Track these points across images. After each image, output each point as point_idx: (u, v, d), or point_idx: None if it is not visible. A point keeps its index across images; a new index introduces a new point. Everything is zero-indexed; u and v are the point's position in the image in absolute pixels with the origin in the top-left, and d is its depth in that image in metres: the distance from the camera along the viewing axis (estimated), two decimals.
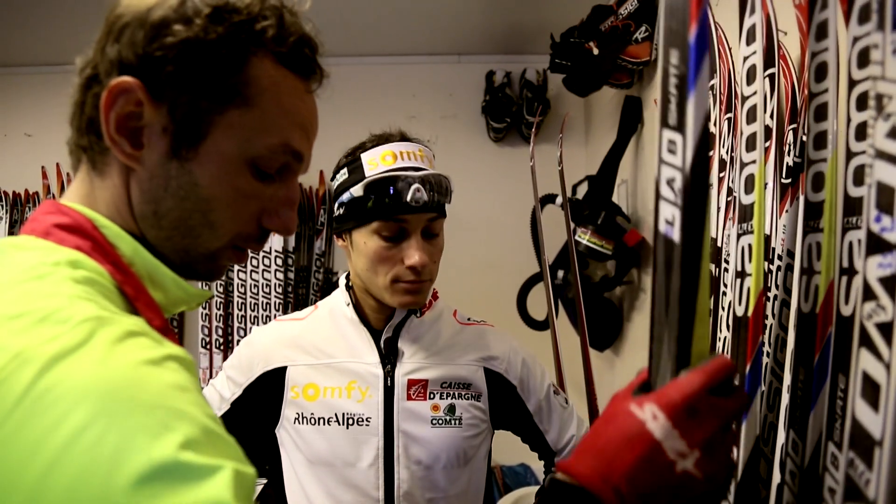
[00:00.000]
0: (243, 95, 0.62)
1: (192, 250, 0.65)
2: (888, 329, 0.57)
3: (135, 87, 0.58)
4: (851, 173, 0.71)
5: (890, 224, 0.58)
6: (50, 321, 0.46)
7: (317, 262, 3.21)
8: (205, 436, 0.45)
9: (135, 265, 0.61)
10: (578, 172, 2.80)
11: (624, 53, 2.27)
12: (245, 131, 0.62)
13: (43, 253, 0.56)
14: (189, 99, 0.60)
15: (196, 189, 0.62)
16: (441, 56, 3.43)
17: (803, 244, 0.82)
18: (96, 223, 0.61)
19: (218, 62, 0.60)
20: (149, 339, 0.50)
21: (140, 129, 0.60)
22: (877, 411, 0.58)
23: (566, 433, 1.30)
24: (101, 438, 0.41)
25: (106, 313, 0.49)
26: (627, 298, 2.55)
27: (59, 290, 0.51)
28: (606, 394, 2.74)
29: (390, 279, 1.14)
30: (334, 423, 1.15)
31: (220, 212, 0.63)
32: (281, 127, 0.64)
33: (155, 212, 0.62)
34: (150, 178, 0.62)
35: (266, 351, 1.23)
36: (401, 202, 1.10)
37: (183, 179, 0.61)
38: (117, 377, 0.44)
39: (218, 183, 0.62)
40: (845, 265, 0.69)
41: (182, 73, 0.59)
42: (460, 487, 1.20)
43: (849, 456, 0.61)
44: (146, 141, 0.61)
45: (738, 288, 0.89)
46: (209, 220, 0.63)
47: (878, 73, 0.60)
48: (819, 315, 0.76)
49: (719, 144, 1.24)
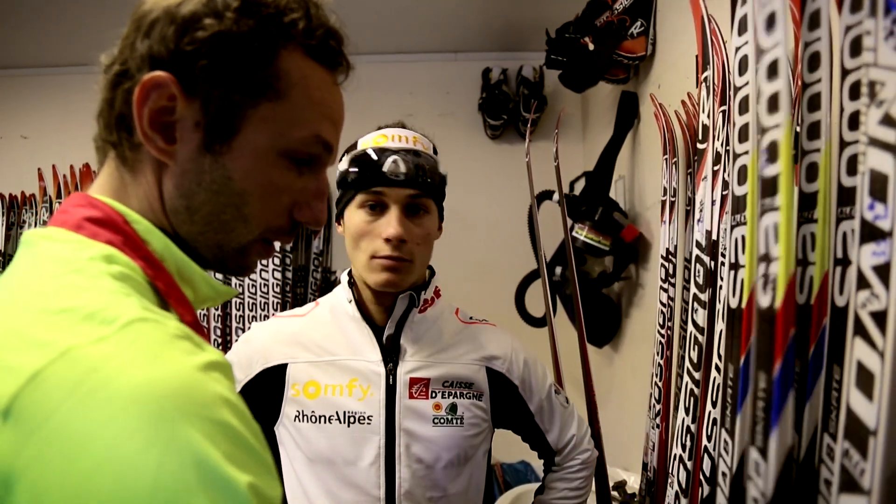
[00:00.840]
0: (275, 88, 0.62)
1: (226, 245, 0.65)
2: (882, 317, 0.57)
3: (168, 82, 0.58)
4: (845, 163, 0.70)
5: (883, 212, 0.57)
6: (96, 320, 0.46)
7: (315, 262, 3.20)
8: (243, 452, 0.45)
9: (165, 261, 0.61)
10: (576, 168, 2.79)
11: (620, 49, 2.26)
12: (277, 124, 0.62)
13: (77, 246, 0.56)
14: (222, 93, 0.60)
15: (230, 183, 0.62)
16: (438, 53, 3.43)
17: (797, 235, 0.82)
18: (128, 218, 0.61)
19: (250, 55, 0.60)
20: (192, 344, 0.49)
21: (173, 124, 0.60)
22: (871, 400, 0.58)
23: (567, 433, 1.31)
24: (149, 444, 0.41)
25: (150, 314, 0.49)
26: (626, 294, 2.54)
27: (99, 285, 0.51)
28: (605, 390, 2.74)
29: (369, 255, 1.13)
30: (335, 421, 1.14)
31: (254, 205, 0.63)
32: (312, 119, 0.65)
33: (188, 206, 0.62)
34: (182, 172, 0.61)
35: (266, 348, 1.21)
36: (379, 173, 1.11)
37: (216, 174, 0.61)
38: (166, 383, 0.43)
39: (251, 176, 0.62)
40: (839, 256, 0.69)
41: (214, 67, 0.59)
42: (461, 486, 1.19)
43: (844, 446, 0.61)
44: (179, 136, 0.60)
45: (732, 280, 0.89)
46: (243, 213, 0.63)
47: (870, 60, 0.60)
48: (814, 307, 0.75)
49: (714, 137, 1.23)
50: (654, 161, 2.19)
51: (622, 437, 2.42)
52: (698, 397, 1.22)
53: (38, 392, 0.42)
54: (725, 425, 0.92)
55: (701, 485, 1.12)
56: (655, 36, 2.24)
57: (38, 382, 0.42)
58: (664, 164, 1.77)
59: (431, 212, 1.18)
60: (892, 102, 0.57)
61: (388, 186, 1.11)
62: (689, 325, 1.31)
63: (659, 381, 1.72)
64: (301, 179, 0.66)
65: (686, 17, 1.79)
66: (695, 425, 1.22)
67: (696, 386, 1.23)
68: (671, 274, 1.70)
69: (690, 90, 1.74)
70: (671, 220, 1.72)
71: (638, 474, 1.89)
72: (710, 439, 1.11)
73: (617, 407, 2.59)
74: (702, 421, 1.16)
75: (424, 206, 1.16)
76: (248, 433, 0.46)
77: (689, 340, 1.29)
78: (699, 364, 1.23)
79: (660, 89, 2.15)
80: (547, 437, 1.30)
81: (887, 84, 0.57)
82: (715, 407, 1.10)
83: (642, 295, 2.37)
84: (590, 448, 1.35)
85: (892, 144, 0.56)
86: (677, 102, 1.80)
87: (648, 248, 2.29)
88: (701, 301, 1.25)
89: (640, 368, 2.20)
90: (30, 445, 0.41)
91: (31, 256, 0.56)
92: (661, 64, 2.20)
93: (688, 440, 1.24)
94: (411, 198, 1.13)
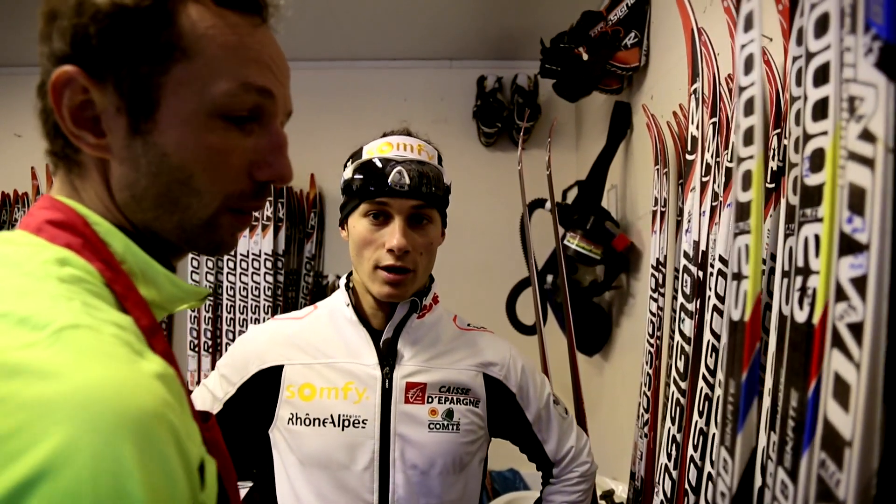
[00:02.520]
0: (180, 48, 0.58)
1: (186, 224, 0.62)
2: (859, 329, 0.58)
3: (75, 75, 0.56)
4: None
5: (861, 225, 0.58)
6: (28, 325, 0.44)
7: (307, 266, 3.21)
8: (164, 480, 0.43)
9: (126, 262, 0.59)
10: (569, 177, 2.80)
11: (613, 59, 2.28)
12: (196, 84, 0.59)
13: (33, 250, 0.55)
14: (129, 69, 0.57)
15: (166, 160, 0.59)
16: (433, 61, 3.45)
17: (784, 247, 0.83)
18: (88, 220, 0.59)
19: (144, 22, 0.57)
20: (129, 351, 0.47)
21: (97, 118, 0.58)
22: (847, 411, 0.58)
23: (565, 444, 1.29)
24: (74, 448, 0.39)
25: (86, 319, 0.47)
26: (616, 303, 2.55)
27: (42, 288, 0.49)
28: (594, 399, 2.74)
29: (373, 264, 1.14)
30: (329, 425, 1.13)
31: (199, 175, 0.60)
32: (232, 67, 0.60)
33: (133, 196, 0.60)
34: (121, 163, 0.59)
35: (262, 349, 1.21)
36: (383, 184, 1.11)
37: (150, 154, 0.59)
38: (94, 390, 0.42)
39: (186, 147, 0.59)
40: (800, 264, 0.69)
41: (113, 45, 0.56)
42: (455, 494, 1.18)
43: (820, 457, 0.62)
44: (106, 127, 0.58)
45: (735, 291, 0.88)
46: (191, 187, 0.60)
47: (850, 76, 0.61)
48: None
49: (703, 148, 1.24)
50: (646, 171, 2.20)
51: (611, 446, 2.43)
52: (684, 407, 1.23)
53: None
54: (725, 443, 0.89)
55: (686, 494, 1.12)
56: (649, 47, 2.26)
57: None
58: (655, 174, 1.78)
59: (435, 221, 1.18)
60: (870, 117, 0.58)
61: (391, 197, 1.12)
62: (676, 335, 1.31)
63: (648, 391, 1.72)
64: (250, 138, 0.63)
65: (679, 29, 1.80)
66: (680, 435, 1.23)
67: (682, 396, 1.24)
68: (661, 284, 1.71)
69: (682, 101, 1.76)
70: (661, 231, 1.73)
71: (626, 483, 1.89)
72: (696, 449, 1.12)
73: (606, 416, 2.59)
74: (687, 431, 1.17)
75: (428, 216, 1.16)
76: (177, 457, 0.45)
77: (676, 350, 1.30)
78: (685, 374, 1.23)
79: (652, 100, 2.16)
80: (545, 448, 1.28)
81: (866, 99, 0.58)
82: (701, 417, 1.11)
83: (633, 304, 2.38)
84: (589, 461, 1.32)
85: (871, 159, 0.57)
86: (669, 113, 1.81)
87: (639, 258, 2.30)
88: (688, 311, 1.25)
89: (630, 377, 2.21)
90: None
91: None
92: (654, 75, 2.22)
93: (673, 449, 1.24)
94: (415, 208, 1.13)
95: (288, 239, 3.11)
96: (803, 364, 0.73)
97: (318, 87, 3.38)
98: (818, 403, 0.66)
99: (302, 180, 3.27)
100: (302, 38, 3.13)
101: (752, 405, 0.80)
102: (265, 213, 3.01)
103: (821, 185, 0.69)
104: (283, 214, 3.05)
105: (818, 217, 0.70)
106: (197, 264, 3.05)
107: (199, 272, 3.04)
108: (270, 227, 3.00)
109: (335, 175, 4.09)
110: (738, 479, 0.85)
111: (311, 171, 3.27)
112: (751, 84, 0.79)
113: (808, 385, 0.69)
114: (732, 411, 0.87)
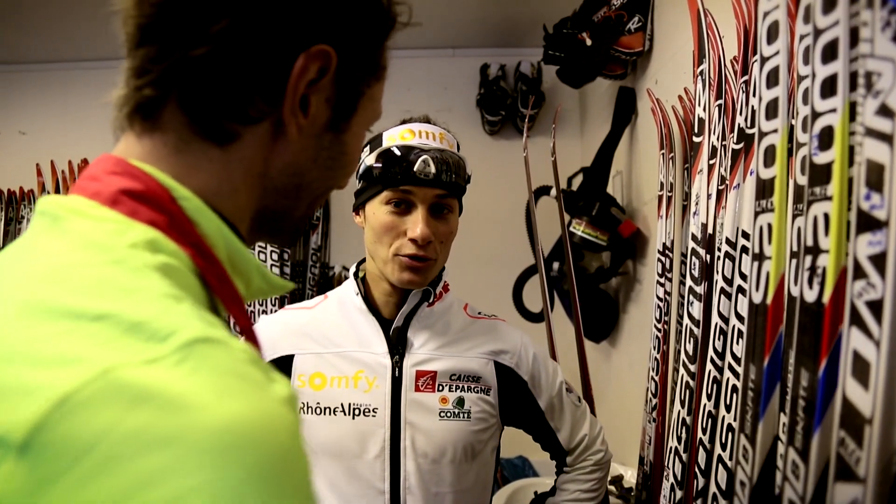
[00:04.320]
0: (382, 68, 0.61)
1: (310, 217, 0.64)
2: (878, 307, 0.57)
3: (331, 55, 0.53)
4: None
5: (880, 201, 0.58)
6: (144, 333, 0.36)
7: (313, 257, 3.20)
8: None
9: (217, 248, 0.51)
10: (574, 164, 2.79)
11: (617, 44, 2.26)
12: (375, 104, 0.62)
13: (114, 228, 0.45)
14: (355, 68, 0.57)
15: (343, 159, 0.60)
16: (435, 50, 3.43)
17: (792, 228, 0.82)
18: (174, 193, 0.49)
19: (379, 31, 0.58)
20: (261, 372, 0.40)
21: (309, 98, 0.54)
22: (867, 389, 0.58)
23: (578, 432, 1.27)
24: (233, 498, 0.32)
25: (213, 331, 0.39)
26: (623, 290, 2.55)
27: (146, 285, 0.41)
28: (602, 386, 2.74)
29: (392, 252, 1.13)
30: (340, 414, 1.13)
31: (344, 179, 0.63)
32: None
33: (298, 185, 0.58)
34: (301, 150, 0.56)
35: (273, 339, 1.20)
36: (408, 173, 1.10)
37: (335, 150, 0.59)
38: (249, 428, 0.35)
39: (356, 153, 0.62)
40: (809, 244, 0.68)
41: (353, 40, 0.56)
42: (468, 483, 1.18)
43: (839, 435, 0.61)
44: (313, 111, 0.55)
45: (756, 272, 0.86)
46: (337, 186, 0.63)
47: (866, 51, 0.60)
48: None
49: (709, 131, 1.23)
50: (651, 156, 2.19)
51: (619, 432, 2.43)
52: (693, 390, 1.23)
53: (69, 422, 0.33)
54: (745, 431, 0.88)
55: (696, 477, 1.12)
56: (653, 31, 2.24)
57: (68, 409, 0.33)
58: (661, 158, 1.77)
59: (455, 211, 1.17)
60: (888, 93, 0.57)
61: (416, 185, 1.11)
62: (684, 318, 1.31)
63: (656, 376, 1.72)
64: None
65: (683, 13, 1.79)
66: (690, 418, 1.23)
67: (691, 379, 1.24)
68: (668, 269, 1.71)
69: (687, 85, 1.74)
70: (668, 215, 1.72)
71: (635, 469, 1.89)
72: (704, 432, 1.12)
73: (614, 402, 2.60)
74: (697, 413, 1.16)
75: (449, 206, 1.15)
76: (308, 487, 0.39)
77: (685, 333, 1.29)
78: (694, 357, 1.23)
79: (657, 85, 2.15)
80: (558, 437, 1.27)
81: (884, 74, 0.58)
82: (710, 400, 1.11)
83: (639, 290, 2.37)
84: (603, 449, 1.31)
85: (889, 135, 0.57)
86: (674, 98, 1.80)
87: (646, 244, 2.29)
88: (696, 294, 1.25)
89: (637, 363, 2.21)
90: (59, 486, 0.32)
91: (55, 236, 0.46)
92: (658, 59, 2.20)
93: (683, 432, 1.24)
94: (438, 197, 1.13)
95: None
96: (813, 344, 0.73)
97: None
98: (829, 383, 0.66)
99: None
100: None
101: (774, 392, 0.79)
102: None
103: (830, 164, 0.68)
104: None
105: (828, 195, 0.69)
106: None
107: None
108: None
109: None
110: (759, 468, 0.84)
111: None
112: (774, 53, 0.77)
113: (819, 365, 0.69)
114: (753, 398, 0.86)
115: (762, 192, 0.85)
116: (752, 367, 0.85)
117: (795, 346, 0.77)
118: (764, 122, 0.82)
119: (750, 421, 0.85)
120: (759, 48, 0.83)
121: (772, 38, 0.77)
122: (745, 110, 1.03)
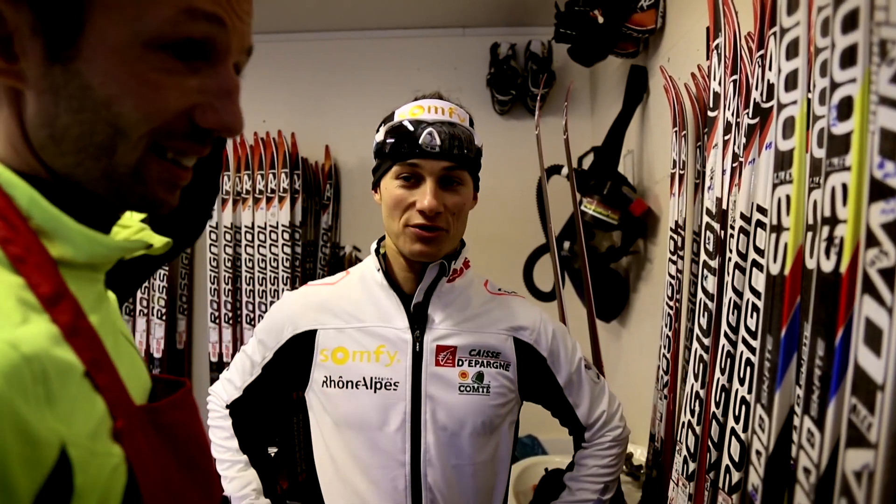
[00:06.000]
0: None
1: (113, 172, 0.52)
2: (891, 275, 0.58)
3: None
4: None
5: (893, 170, 0.58)
6: None
7: (324, 237, 3.22)
8: None
9: (33, 218, 0.50)
10: (584, 143, 2.78)
11: (629, 21, 2.24)
12: (129, 7, 0.49)
13: None
14: None
15: (90, 93, 0.49)
16: (445, 29, 3.42)
17: (808, 200, 0.82)
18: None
19: None
20: (14, 312, 0.44)
21: (8, 38, 0.48)
22: (879, 356, 0.58)
23: (597, 408, 1.29)
24: None
25: None
26: (634, 269, 2.55)
27: None
28: (613, 365, 2.74)
29: (403, 224, 1.15)
30: (362, 387, 1.16)
31: (128, 113, 0.50)
32: None
33: (51, 136, 0.51)
34: (37, 95, 0.50)
35: (296, 314, 1.24)
36: (414, 145, 1.12)
37: (72, 86, 0.49)
38: None
39: (116, 79, 0.49)
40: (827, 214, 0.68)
41: None
42: (486, 455, 1.21)
43: (851, 402, 0.62)
44: (19, 50, 0.49)
45: (774, 244, 0.86)
46: (118, 127, 0.51)
47: (882, 19, 0.60)
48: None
49: (724, 106, 1.23)
50: (662, 135, 2.18)
51: (629, 410, 2.43)
52: (707, 363, 1.24)
53: None
54: (762, 401, 0.89)
55: (709, 450, 1.14)
56: (665, 9, 2.22)
57: None
58: (674, 136, 1.77)
59: (466, 183, 1.18)
60: None
61: (423, 158, 1.13)
62: (698, 293, 1.32)
63: (667, 353, 1.73)
64: (195, 77, 0.53)
65: None
66: (703, 391, 1.24)
67: (705, 352, 1.25)
68: (680, 246, 1.71)
69: (700, 63, 1.73)
70: (680, 193, 1.72)
71: (644, 447, 1.91)
72: (717, 405, 1.13)
73: (624, 381, 2.61)
74: (710, 387, 1.17)
75: (459, 178, 1.16)
76: None
77: (699, 307, 1.30)
78: (708, 331, 1.24)
79: (669, 62, 2.13)
80: (576, 412, 1.28)
81: None
82: (723, 374, 1.12)
83: (650, 269, 2.38)
84: (621, 425, 1.32)
85: None
86: (687, 75, 1.79)
87: (657, 223, 2.29)
88: (711, 268, 1.25)
89: (648, 342, 2.22)
90: None
91: None
92: (670, 37, 2.19)
93: (697, 406, 1.25)
94: (446, 170, 1.14)
95: (304, 210, 3.11)
96: (830, 313, 0.73)
97: (330, 59, 3.37)
98: (845, 352, 0.66)
99: (317, 152, 3.27)
100: (313, 9, 3.09)
101: (791, 363, 0.79)
102: (281, 185, 3.01)
103: (849, 134, 0.68)
104: (300, 186, 3.05)
105: (846, 166, 0.69)
106: (215, 237, 3.06)
107: (218, 245, 3.06)
108: (287, 199, 3.01)
109: (349, 146, 4.07)
110: (775, 437, 0.85)
111: (325, 142, 3.27)
112: (795, 24, 0.77)
113: (836, 333, 0.69)
114: (770, 368, 0.87)
115: (780, 164, 0.85)
116: (770, 337, 0.85)
117: (812, 316, 0.78)
118: (783, 94, 0.82)
119: (766, 392, 0.86)
120: (778, 20, 0.82)
121: (792, 9, 0.77)
122: (760, 85, 1.03)
